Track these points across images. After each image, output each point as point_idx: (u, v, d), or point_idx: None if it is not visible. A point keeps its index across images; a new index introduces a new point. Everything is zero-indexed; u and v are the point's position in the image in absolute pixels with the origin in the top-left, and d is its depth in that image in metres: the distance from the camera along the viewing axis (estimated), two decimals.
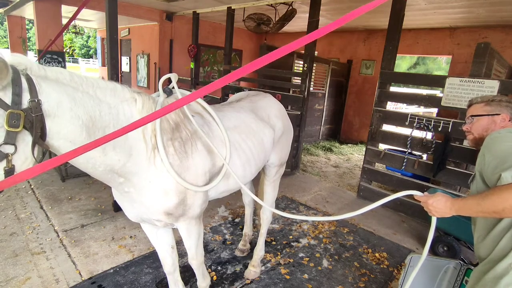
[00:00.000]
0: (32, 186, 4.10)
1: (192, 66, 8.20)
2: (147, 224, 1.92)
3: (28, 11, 8.06)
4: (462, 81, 3.62)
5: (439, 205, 1.24)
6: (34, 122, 1.07)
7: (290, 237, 3.40)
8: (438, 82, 4.10)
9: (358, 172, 5.98)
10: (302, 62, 6.24)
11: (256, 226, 3.28)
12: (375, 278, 2.84)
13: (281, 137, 2.44)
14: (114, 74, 3.74)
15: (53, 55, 7.02)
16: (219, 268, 2.78)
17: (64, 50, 7.45)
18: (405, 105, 10.23)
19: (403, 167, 4.18)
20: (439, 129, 3.82)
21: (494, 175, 1.19)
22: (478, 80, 3.52)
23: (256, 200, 1.66)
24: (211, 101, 5.89)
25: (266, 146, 2.25)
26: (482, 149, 1.34)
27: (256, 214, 3.21)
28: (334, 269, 2.91)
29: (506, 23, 5.98)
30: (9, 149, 1.03)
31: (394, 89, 5.46)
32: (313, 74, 5.92)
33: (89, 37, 32.22)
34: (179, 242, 3.04)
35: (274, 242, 3.27)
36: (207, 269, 2.65)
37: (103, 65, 12.73)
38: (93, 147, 1.05)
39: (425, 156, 4.60)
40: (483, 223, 1.36)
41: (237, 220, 3.70)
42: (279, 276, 2.73)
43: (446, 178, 3.86)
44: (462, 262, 2.07)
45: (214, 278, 2.62)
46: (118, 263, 2.73)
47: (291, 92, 6.19)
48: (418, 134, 4.14)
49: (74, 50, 33.29)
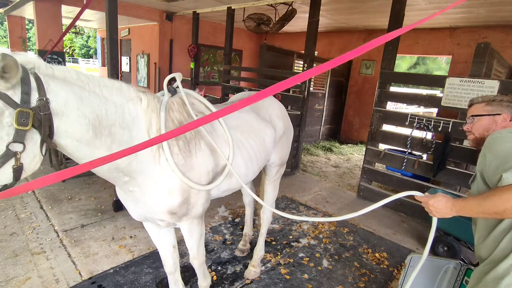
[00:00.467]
0: None
1: (192, 66, 8.20)
2: (150, 223, 1.92)
3: (28, 11, 8.06)
4: (462, 81, 3.62)
5: (440, 205, 1.24)
6: (43, 121, 1.08)
7: (290, 237, 3.40)
8: (438, 82, 4.09)
9: (358, 172, 5.98)
10: (302, 62, 6.25)
11: (256, 226, 3.28)
12: (375, 278, 2.84)
13: (282, 136, 2.46)
14: (114, 74, 3.73)
15: (53, 55, 7.01)
16: (219, 268, 2.78)
17: (64, 50, 7.45)
18: (405, 105, 10.23)
19: (403, 167, 4.18)
20: (439, 129, 3.82)
21: (495, 176, 1.18)
22: (478, 80, 3.52)
23: (256, 199, 1.67)
24: (211, 101, 5.89)
25: (268, 146, 2.27)
26: (483, 149, 1.34)
27: (256, 214, 3.21)
28: (334, 269, 2.91)
29: (506, 23, 5.98)
30: (17, 147, 1.03)
31: (394, 89, 5.46)
32: None
33: (89, 37, 32.21)
34: (179, 242, 3.04)
35: (274, 242, 3.26)
36: (207, 269, 2.64)
37: (103, 65, 12.73)
38: (116, 158, 1.10)
39: (425, 156, 4.60)
40: (484, 224, 1.36)
41: (237, 220, 3.70)
42: (279, 276, 2.73)
43: (446, 178, 3.86)
44: (462, 262, 2.07)
45: (214, 278, 2.62)
46: (118, 263, 2.73)
47: (291, 92, 6.19)
48: (418, 134, 4.13)
49: (74, 50, 33.28)
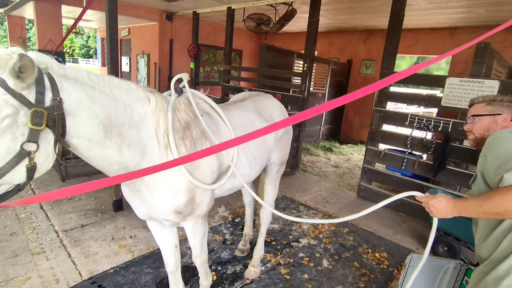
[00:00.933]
0: (32, 186, 4.10)
1: (192, 66, 8.20)
2: (154, 222, 1.95)
3: (28, 11, 8.05)
4: (462, 81, 3.62)
5: (441, 206, 1.24)
6: (56, 121, 1.08)
7: (290, 237, 3.40)
8: (438, 82, 4.09)
9: (358, 172, 5.98)
10: (302, 62, 6.24)
11: (256, 226, 3.28)
12: (375, 278, 2.84)
13: (282, 136, 2.50)
14: (114, 74, 3.72)
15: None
16: (219, 268, 2.78)
17: (64, 50, 7.44)
18: (405, 105, 10.23)
19: (403, 167, 4.18)
20: (439, 129, 3.82)
21: (496, 176, 1.18)
22: (478, 80, 3.52)
23: (257, 199, 1.69)
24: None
25: (269, 145, 2.31)
26: (484, 149, 1.34)
27: (256, 214, 3.22)
28: (334, 269, 2.91)
29: None
30: (31, 147, 1.04)
31: (394, 89, 5.45)
32: (313, 74, 5.91)
33: (89, 37, 32.20)
34: (180, 242, 3.04)
35: (274, 242, 3.26)
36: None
37: (103, 65, 12.74)
38: (142, 175, 1.20)
39: (425, 156, 4.60)
40: (485, 224, 1.36)
41: (237, 220, 3.70)
42: (279, 276, 2.73)
43: (446, 178, 3.86)
44: (462, 262, 2.07)
45: (214, 278, 2.62)
46: (118, 263, 2.73)
47: (291, 92, 6.19)
48: (418, 134, 4.13)
49: (74, 50, 33.27)
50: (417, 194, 1.33)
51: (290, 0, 5.56)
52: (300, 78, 5.65)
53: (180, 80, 1.79)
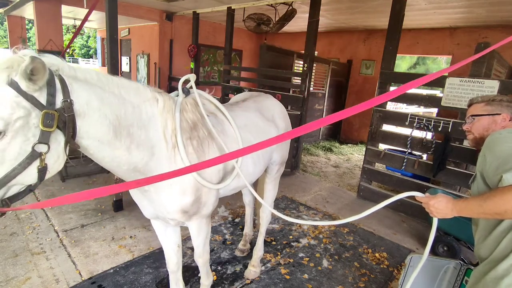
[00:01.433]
0: None
1: (192, 66, 8.20)
2: (159, 221, 1.97)
3: (28, 11, 8.05)
4: (462, 81, 3.62)
5: (440, 206, 1.24)
6: (67, 122, 1.10)
7: (290, 237, 3.40)
8: (438, 82, 4.09)
9: (358, 172, 5.98)
10: (302, 62, 6.24)
11: (256, 226, 3.28)
12: (375, 278, 2.84)
13: None
14: (114, 74, 3.72)
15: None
16: (219, 268, 2.78)
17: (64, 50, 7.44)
18: (405, 105, 10.23)
19: (403, 167, 4.18)
20: (439, 129, 3.82)
21: (496, 176, 1.18)
22: (478, 80, 3.52)
23: (259, 200, 1.71)
24: None
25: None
26: (483, 149, 1.34)
27: (256, 214, 3.22)
28: (334, 269, 2.91)
29: (506, 23, 5.98)
30: (42, 148, 1.05)
31: (394, 89, 5.44)
32: (313, 74, 5.91)
33: (89, 37, 32.21)
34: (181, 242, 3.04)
35: (274, 242, 3.26)
36: None
37: (103, 65, 12.74)
38: (154, 181, 1.25)
39: (425, 156, 4.60)
40: (485, 224, 1.36)
41: (237, 220, 3.70)
42: (279, 276, 2.73)
43: (446, 178, 3.86)
44: (462, 262, 2.07)
45: (214, 278, 2.62)
46: (118, 263, 2.73)
47: (291, 92, 6.19)
48: (418, 134, 4.13)
49: (74, 50, 33.26)
50: (417, 194, 1.34)
51: (290, 0, 5.57)
52: (300, 78, 5.65)
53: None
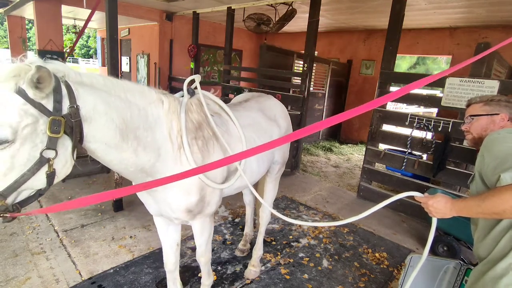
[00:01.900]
0: None
1: (192, 66, 8.20)
2: (162, 219, 1.99)
3: (28, 11, 8.05)
4: (462, 81, 3.62)
5: (439, 206, 1.24)
6: (74, 127, 1.12)
7: (290, 237, 3.40)
8: (438, 82, 4.09)
9: (358, 172, 5.98)
10: (302, 62, 6.24)
11: (256, 226, 3.28)
12: (375, 278, 2.84)
13: (284, 135, 2.52)
14: (114, 74, 3.72)
15: (53, 55, 7.00)
16: (219, 268, 2.78)
17: (64, 50, 7.45)
18: (405, 105, 10.22)
19: (403, 167, 4.18)
20: (439, 129, 3.82)
21: (494, 176, 1.19)
22: (478, 80, 3.52)
23: (259, 199, 1.72)
24: None
25: None
26: (482, 149, 1.34)
27: (256, 214, 3.22)
28: (334, 269, 2.91)
29: (506, 23, 5.98)
30: (50, 154, 1.07)
31: (394, 89, 5.45)
32: (313, 74, 5.91)
33: (89, 37, 32.22)
34: (181, 242, 3.04)
35: (274, 242, 3.27)
36: None
37: (103, 65, 12.73)
38: (161, 184, 1.26)
39: (425, 156, 4.60)
40: (483, 224, 1.36)
41: (237, 220, 3.70)
42: (279, 276, 2.73)
43: (446, 178, 3.86)
44: (462, 262, 2.07)
45: (214, 278, 2.62)
46: (118, 263, 2.73)
47: (291, 92, 6.19)
48: (418, 134, 4.13)
49: (74, 50, 33.25)
50: (416, 194, 1.34)
51: (290, 0, 5.57)
52: (300, 78, 5.65)
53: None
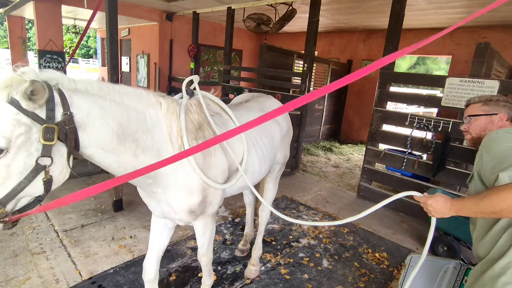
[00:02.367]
0: None
1: (192, 66, 8.21)
2: (162, 221, 1.97)
3: (28, 11, 8.05)
4: (462, 81, 3.62)
5: (438, 205, 1.25)
6: (68, 134, 1.12)
7: (290, 237, 3.40)
8: (438, 82, 4.10)
9: (358, 172, 5.98)
10: (302, 62, 6.25)
11: (256, 226, 3.28)
12: (375, 278, 2.84)
13: (285, 135, 2.57)
14: (114, 74, 3.72)
15: (53, 55, 7.02)
16: (219, 268, 2.78)
17: (64, 50, 7.45)
18: (405, 105, 10.23)
19: (403, 167, 4.18)
20: (439, 129, 3.82)
21: (492, 176, 1.19)
22: (478, 80, 3.52)
23: (261, 200, 1.73)
24: None
25: (276, 144, 2.38)
26: (480, 149, 1.35)
27: (256, 214, 3.22)
28: (334, 269, 2.91)
29: (506, 23, 5.98)
30: (46, 161, 1.08)
31: (394, 89, 5.46)
32: (313, 74, 5.92)
33: (89, 37, 32.20)
34: (178, 243, 3.05)
35: (274, 242, 3.27)
36: None
37: (103, 65, 12.73)
38: (143, 173, 1.21)
39: (425, 156, 4.60)
40: (482, 223, 1.36)
41: (237, 220, 3.70)
42: (279, 276, 2.73)
43: (446, 178, 3.86)
44: (462, 262, 2.07)
45: (214, 278, 2.62)
46: (118, 263, 2.73)
47: (291, 92, 6.19)
48: (418, 134, 4.13)
49: (75, 53, 33.24)
50: (415, 194, 1.34)
51: (290, 0, 5.57)
52: (300, 78, 5.66)
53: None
